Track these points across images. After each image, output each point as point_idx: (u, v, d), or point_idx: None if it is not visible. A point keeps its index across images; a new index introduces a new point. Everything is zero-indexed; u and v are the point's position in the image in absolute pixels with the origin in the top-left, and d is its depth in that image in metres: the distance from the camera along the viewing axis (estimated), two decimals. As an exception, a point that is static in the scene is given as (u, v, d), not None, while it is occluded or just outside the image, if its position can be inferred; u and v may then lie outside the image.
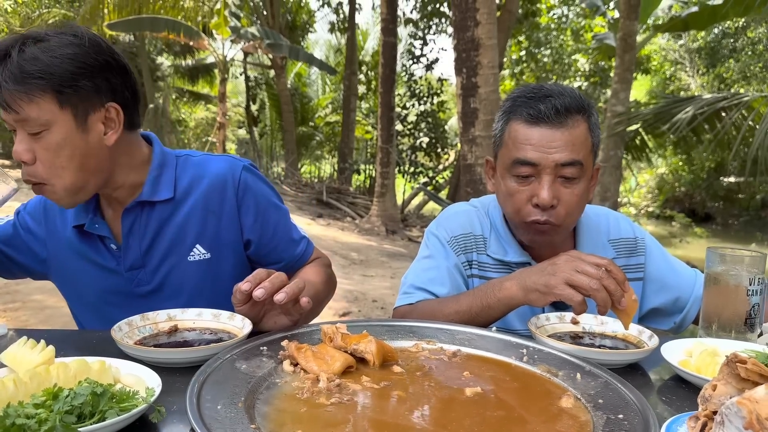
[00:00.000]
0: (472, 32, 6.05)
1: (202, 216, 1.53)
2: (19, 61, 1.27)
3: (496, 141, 1.54)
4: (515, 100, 1.49)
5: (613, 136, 8.19)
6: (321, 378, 1.02)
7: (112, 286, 1.53)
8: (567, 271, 1.23)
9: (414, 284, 1.57)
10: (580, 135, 1.44)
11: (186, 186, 1.54)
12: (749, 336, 1.33)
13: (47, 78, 1.27)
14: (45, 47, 1.29)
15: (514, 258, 1.59)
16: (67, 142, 1.32)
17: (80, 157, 1.34)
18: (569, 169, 1.43)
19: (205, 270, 1.54)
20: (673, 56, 20.28)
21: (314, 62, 17.63)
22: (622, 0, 8.28)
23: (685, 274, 1.67)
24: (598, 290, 1.19)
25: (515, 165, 1.45)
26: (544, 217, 1.44)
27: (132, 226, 1.50)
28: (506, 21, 12.28)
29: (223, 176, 1.56)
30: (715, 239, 17.21)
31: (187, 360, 1.11)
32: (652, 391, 1.14)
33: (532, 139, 1.43)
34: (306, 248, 1.69)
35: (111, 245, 1.51)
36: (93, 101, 1.34)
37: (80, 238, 1.52)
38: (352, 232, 12.39)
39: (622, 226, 1.68)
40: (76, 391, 0.82)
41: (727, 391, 0.85)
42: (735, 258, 1.33)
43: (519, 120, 1.46)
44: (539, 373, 1.12)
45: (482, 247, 1.62)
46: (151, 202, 1.50)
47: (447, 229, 1.63)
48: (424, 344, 1.24)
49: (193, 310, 1.31)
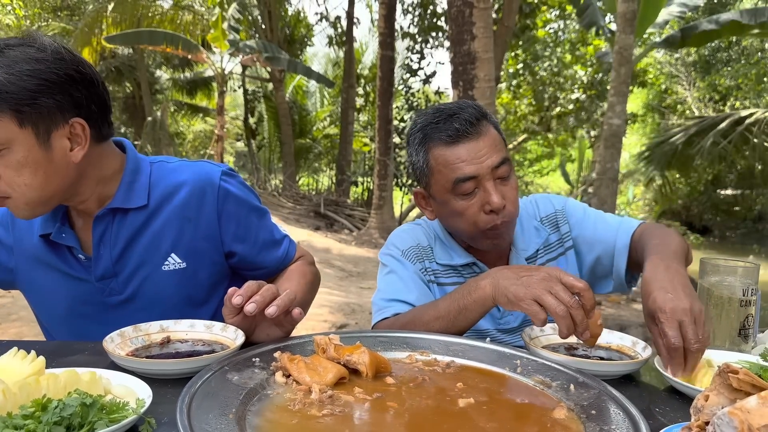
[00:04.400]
0: (468, 46, 6.09)
1: (178, 224, 1.49)
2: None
3: (423, 172, 1.57)
4: (424, 129, 1.55)
5: (610, 149, 8.23)
6: (313, 389, 1.01)
7: (81, 296, 1.49)
8: (539, 288, 1.20)
9: (384, 299, 1.60)
10: (495, 136, 1.53)
11: (161, 193, 1.49)
12: (743, 347, 1.33)
13: (3, 97, 1.20)
14: (2, 62, 1.21)
15: (460, 260, 1.66)
16: (29, 160, 1.25)
17: (44, 175, 1.28)
18: (502, 168, 1.51)
19: (179, 279, 1.50)
20: (669, 69, 20.42)
21: (312, 75, 17.72)
22: (619, 14, 8.35)
23: (612, 223, 1.69)
24: (563, 317, 1.16)
25: (457, 185, 1.50)
26: (501, 220, 1.51)
27: (103, 235, 1.45)
28: (503, 35, 12.37)
29: (202, 183, 1.51)
30: (712, 251, 17.22)
31: (179, 371, 1.10)
32: (645, 401, 1.13)
33: (462, 156, 1.49)
34: (288, 248, 1.68)
35: (79, 255, 1.46)
36: (55, 118, 1.27)
37: (47, 247, 1.47)
38: (350, 244, 12.39)
39: (543, 204, 1.77)
40: (66, 402, 0.82)
41: (720, 401, 0.85)
42: (728, 269, 1.33)
43: (439, 145, 1.52)
44: (532, 385, 1.11)
45: (431, 256, 1.69)
46: (124, 210, 1.45)
47: (396, 245, 1.71)
48: (417, 355, 1.23)
49: (185, 321, 1.31)
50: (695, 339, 1.12)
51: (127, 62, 20.77)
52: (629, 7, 8.10)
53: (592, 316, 1.20)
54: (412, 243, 1.70)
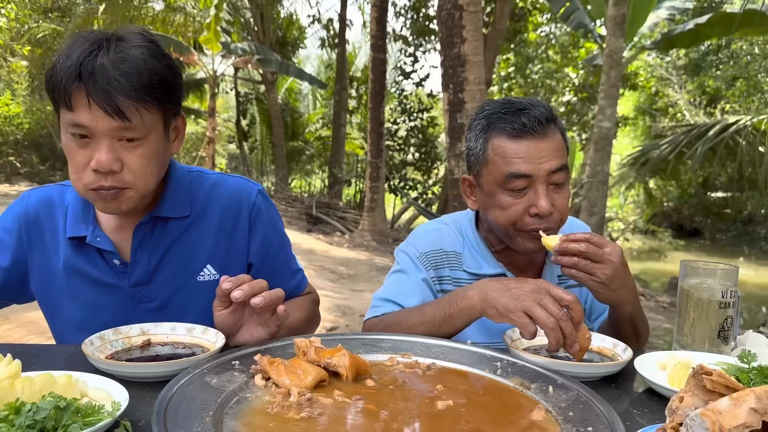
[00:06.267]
0: (458, 49, 6.11)
1: (215, 236, 1.51)
2: (136, 68, 1.23)
3: (477, 159, 1.54)
4: (490, 117, 1.51)
5: (600, 151, 8.26)
6: (292, 392, 1.01)
7: (107, 302, 1.45)
8: (529, 301, 1.20)
9: (382, 297, 1.58)
10: (559, 142, 1.50)
11: (202, 204, 1.51)
12: (723, 348, 1.33)
13: (160, 87, 1.26)
14: (152, 53, 1.27)
15: (489, 270, 1.60)
16: (158, 150, 1.32)
17: (162, 165, 1.37)
18: (558, 175, 1.47)
19: (211, 291, 1.45)
20: (659, 72, 20.53)
21: (304, 77, 17.71)
22: (608, 18, 8.39)
23: None
24: (553, 329, 1.17)
25: (509, 179, 1.46)
26: (543, 225, 1.47)
27: (142, 241, 1.44)
28: (495, 38, 12.42)
29: (239, 197, 1.54)
30: (702, 254, 17.31)
31: (158, 374, 1.10)
32: (625, 403, 1.14)
33: (521, 152, 1.46)
34: (301, 282, 1.68)
35: (114, 260, 1.44)
36: (176, 110, 1.36)
37: (74, 250, 1.44)
38: (342, 246, 12.37)
39: (582, 228, 1.76)
40: (39, 406, 0.81)
41: (694, 402, 0.85)
42: (708, 271, 1.34)
43: (501, 136, 1.48)
44: (512, 386, 1.11)
45: (456, 263, 1.63)
46: (165, 218, 1.45)
47: (416, 246, 1.65)
48: (399, 357, 1.23)
49: (166, 324, 1.30)
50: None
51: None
52: (619, 10, 8.14)
53: (580, 329, 1.21)
54: (434, 247, 1.63)
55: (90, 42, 1.24)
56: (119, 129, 1.24)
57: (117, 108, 1.21)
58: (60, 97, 1.23)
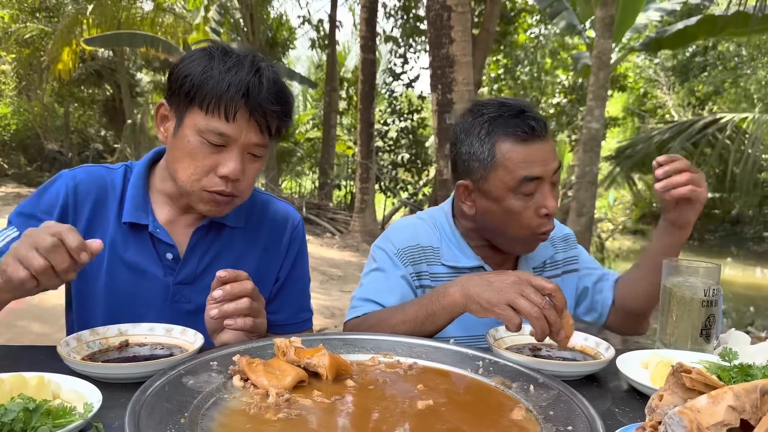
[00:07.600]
0: (447, 49, 6.10)
1: (260, 252, 1.54)
2: (284, 92, 1.35)
3: (483, 164, 1.50)
4: (493, 121, 1.50)
5: (589, 152, 8.28)
6: (270, 393, 1.00)
7: (143, 294, 1.43)
8: (511, 292, 1.20)
9: (361, 297, 1.57)
10: (552, 142, 1.53)
11: (255, 219, 1.55)
12: (706, 347, 1.33)
13: (292, 104, 1.37)
14: (277, 71, 1.36)
15: (467, 263, 1.62)
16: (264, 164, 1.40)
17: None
18: (556, 174, 1.51)
19: None
20: (648, 74, 20.66)
21: (294, 77, 17.65)
22: (597, 19, 8.43)
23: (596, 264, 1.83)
24: (538, 318, 1.16)
25: (523, 183, 1.46)
26: (550, 225, 1.51)
27: (197, 242, 1.47)
28: (485, 39, 12.43)
29: (285, 221, 1.60)
30: (690, 254, 17.42)
31: (134, 375, 1.08)
32: (607, 402, 1.14)
33: (532, 156, 1.47)
34: (306, 321, 1.67)
35: (167, 254, 1.44)
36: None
37: (126, 237, 1.42)
38: (332, 247, 12.35)
39: (558, 225, 1.77)
40: (7, 407, 0.80)
41: (673, 401, 0.85)
42: (690, 269, 1.34)
43: (510, 140, 1.48)
44: (493, 385, 1.11)
45: (433, 258, 1.62)
46: (222, 225, 1.49)
47: (393, 242, 1.63)
48: (380, 357, 1.22)
49: (145, 325, 1.28)
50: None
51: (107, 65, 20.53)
52: (607, 11, 8.17)
53: (564, 317, 1.20)
54: (411, 243, 1.62)
55: (246, 61, 1.32)
56: (257, 145, 1.33)
57: (269, 127, 1.32)
58: (215, 107, 1.27)
